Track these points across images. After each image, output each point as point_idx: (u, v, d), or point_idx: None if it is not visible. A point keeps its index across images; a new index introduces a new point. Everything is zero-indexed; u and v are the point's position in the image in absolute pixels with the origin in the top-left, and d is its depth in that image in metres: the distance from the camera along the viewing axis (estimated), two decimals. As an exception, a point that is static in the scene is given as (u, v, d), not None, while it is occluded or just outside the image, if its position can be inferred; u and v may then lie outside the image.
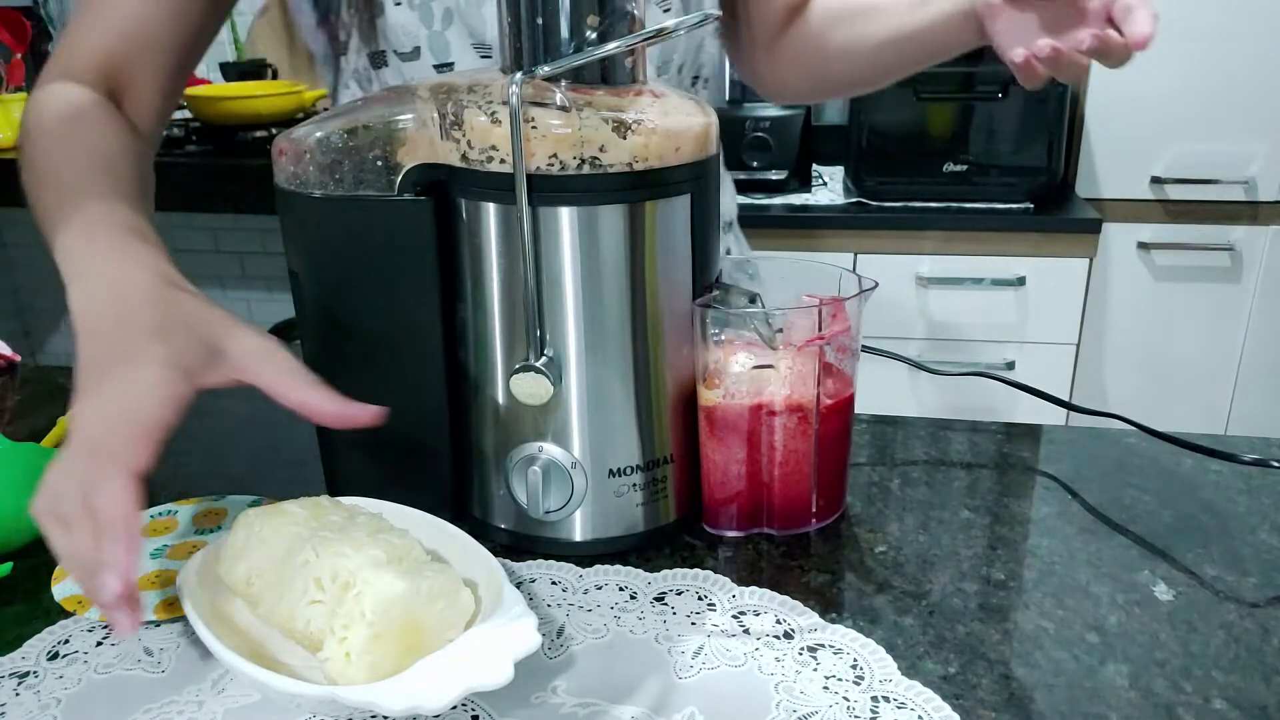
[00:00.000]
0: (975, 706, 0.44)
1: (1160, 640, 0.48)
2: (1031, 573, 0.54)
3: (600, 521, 0.55)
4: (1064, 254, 1.81)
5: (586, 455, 0.53)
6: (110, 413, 0.43)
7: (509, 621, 0.42)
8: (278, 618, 0.45)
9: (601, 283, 0.51)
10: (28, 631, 0.49)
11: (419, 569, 0.44)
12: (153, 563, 0.54)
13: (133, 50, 0.66)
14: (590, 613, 0.50)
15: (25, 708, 0.44)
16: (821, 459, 0.55)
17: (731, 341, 0.56)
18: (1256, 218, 1.88)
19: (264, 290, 2.43)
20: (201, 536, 0.57)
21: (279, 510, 0.49)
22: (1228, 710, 0.43)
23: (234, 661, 0.41)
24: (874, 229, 1.84)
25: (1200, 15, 1.79)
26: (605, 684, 0.45)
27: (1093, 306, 1.90)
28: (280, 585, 0.45)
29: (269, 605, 0.46)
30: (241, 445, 0.71)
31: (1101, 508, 0.61)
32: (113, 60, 0.65)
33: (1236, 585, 0.53)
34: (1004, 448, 0.69)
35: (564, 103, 0.49)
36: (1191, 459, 0.66)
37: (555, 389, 0.51)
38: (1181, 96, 1.84)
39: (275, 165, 0.54)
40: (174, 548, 0.55)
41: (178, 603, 0.49)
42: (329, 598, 0.43)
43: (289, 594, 0.45)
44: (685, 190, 0.52)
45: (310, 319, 0.57)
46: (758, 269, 0.72)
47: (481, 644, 0.42)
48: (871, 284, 0.55)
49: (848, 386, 0.56)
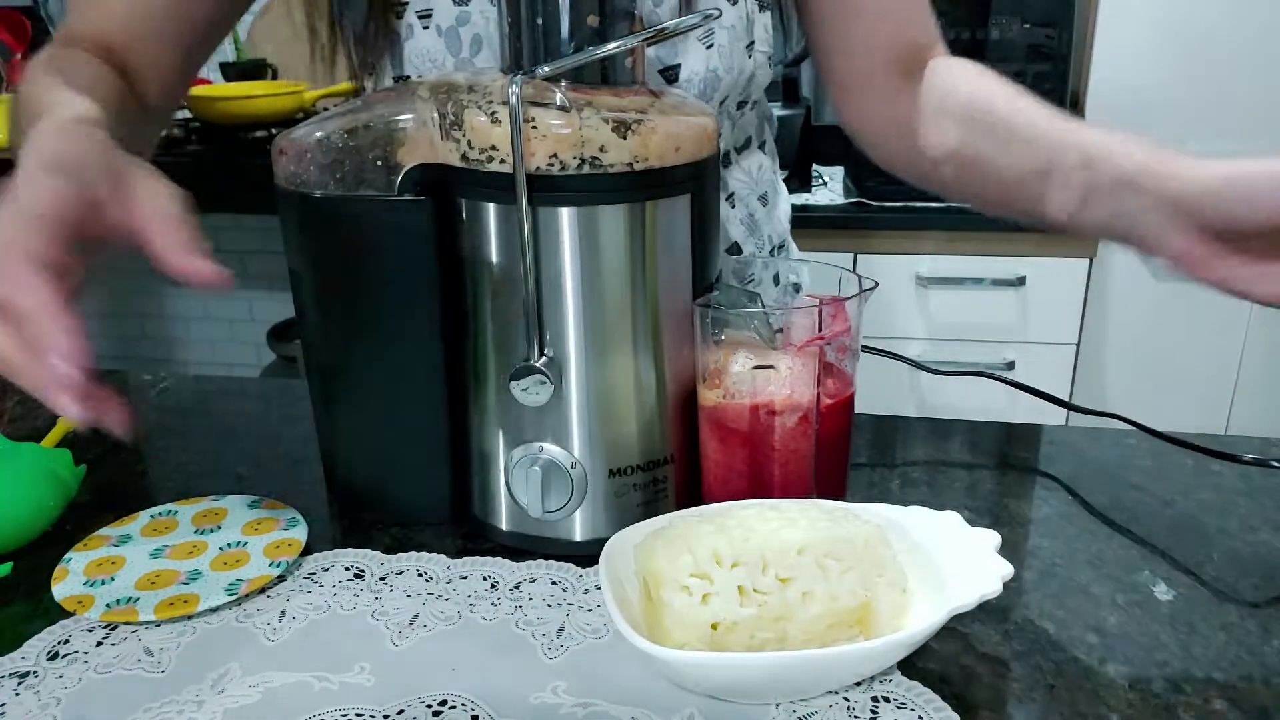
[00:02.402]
0: (975, 706, 0.44)
1: (1160, 640, 0.48)
2: (1031, 573, 0.54)
3: (600, 521, 0.55)
4: (1064, 254, 1.81)
5: (586, 455, 0.53)
6: (3, 216, 0.41)
7: None
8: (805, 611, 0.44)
9: (601, 283, 0.51)
10: (28, 631, 0.49)
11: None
12: (153, 562, 0.54)
13: (133, 38, 0.64)
14: (590, 613, 0.50)
15: (25, 708, 0.44)
16: (821, 459, 0.55)
17: (731, 341, 0.56)
18: (1256, 218, 1.88)
19: (265, 290, 2.43)
20: (201, 537, 0.56)
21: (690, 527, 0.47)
22: (1228, 710, 0.43)
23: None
24: (874, 229, 1.84)
25: (1200, 15, 1.79)
26: (605, 684, 0.45)
27: (1093, 306, 1.90)
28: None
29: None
30: (242, 445, 0.71)
31: (1101, 508, 0.61)
32: (113, 43, 0.64)
33: (1236, 585, 0.53)
34: (1004, 448, 0.69)
35: (564, 103, 0.49)
36: (1192, 459, 0.66)
37: (555, 389, 0.51)
38: (1181, 96, 1.84)
39: (275, 165, 0.54)
40: (174, 548, 0.55)
41: (179, 602, 0.50)
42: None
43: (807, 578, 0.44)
44: (685, 190, 0.52)
45: (310, 319, 0.57)
46: (801, 271, 0.70)
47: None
48: (871, 284, 0.55)
49: (848, 386, 0.56)
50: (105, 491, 0.64)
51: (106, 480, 0.65)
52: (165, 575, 0.53)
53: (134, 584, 0.52)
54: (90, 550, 0.55)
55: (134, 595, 0.51)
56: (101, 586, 0.52)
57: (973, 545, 0.47)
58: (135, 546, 0.56)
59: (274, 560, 0.53)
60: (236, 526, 0.58)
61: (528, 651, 0.47)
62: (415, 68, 0.70)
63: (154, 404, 0.79)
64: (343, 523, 0.60)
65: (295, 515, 0.58)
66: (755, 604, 0.43)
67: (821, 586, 0.44)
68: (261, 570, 0.53)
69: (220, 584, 0.52)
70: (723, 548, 0.43)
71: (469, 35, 0.68)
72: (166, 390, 0.81)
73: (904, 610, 0.45)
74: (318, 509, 0.61)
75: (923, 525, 0.49)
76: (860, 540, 0.45)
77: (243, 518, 0.58)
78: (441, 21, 0.68)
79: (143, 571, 0.53)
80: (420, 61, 0.69)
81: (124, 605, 0.50)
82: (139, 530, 0.58)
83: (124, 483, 0.66)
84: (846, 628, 0.44)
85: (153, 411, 0.78)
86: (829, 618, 0.44)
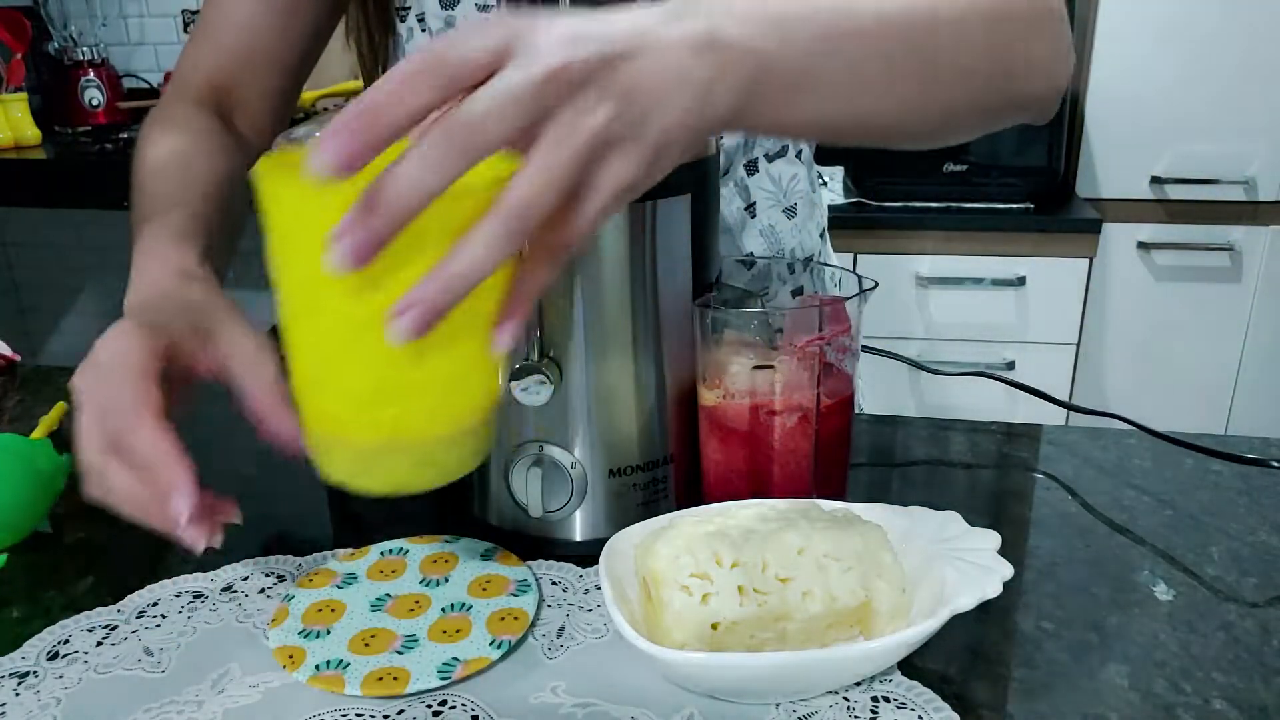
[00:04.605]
0: (975, 706, 0.44)
1: (1160, 640, 0.48)
2: (1031, 573, 0.54)
3: (600, 521, 0.55)
4: (1064, 254, 1.82)
5: (586, 455, 0.53)
6: (99, 369, 0.44)
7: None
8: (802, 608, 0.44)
9: (602, 283, 0.51)
10: (28, 631, 0.49)
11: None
12: (372, 616, 0.50)
13: (242, 68, 0.70)
14: (590, 613, 0.50)
15: (25, 708, 0.44)
16: (821, 459, 0.55)
17: (732, 342, 0.56)
18: (1256, 218, 1.88)
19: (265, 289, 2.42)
20: (426, 590, 0.52)
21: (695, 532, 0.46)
22: (1228, 710, 0.43)
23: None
24: (874, 229, 1.84)
25: (1200, 15, 1.79)
26: (605, 684, 0.45)
27: (1093, 306, 1.90)
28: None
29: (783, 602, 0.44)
30: (246, 444, 0.71)
31: (1101, 508, 0.61)
32: (225, 78, 0.69)
33: (1236, 585, 0.53)
34: (1004, 448, 0.69)
35: (564, 103, 0.49)
36: (1192, 459, 0.66)
37: (555, 389, 0.51)
38: (1181, 96, 1.84)
39: (275, 165, 0.54)
40: (397, 600, 0.51)
41: (388, 678, 0.45)
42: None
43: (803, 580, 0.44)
44: (685, 190, 0.52)
45: (310, 319, 0.57)
46: (834, 275, 0.70)
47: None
48: (871, 284, 0.55)
49: (848, 386, 0.56)
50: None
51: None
52: (381, 637, 0.48)
53: (347, 644, 0.47)
54: (314, 589, 0.52)
55: (345, 659, 0.46)
56: (315, 640, 0.48)
57: (973, 545, 0.47)
58: (358, 591, 0.52)
59: (495, 639, 0.47)
60: (464, 582, 0.52)
61: (528, 651, 0.47)
62: None
63: (154, 404, 0.79)
64: (343, 523, 0.60)
65: (528, 577, 0.52)
66: (755, 604, 0.43)
67: (821, 586, 0.44)
68: (480, 650, 0.47)
69: (435, 661, 0.46)
70: (723, 548, 0.43)
71: None
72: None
73: (904, 610, 0.45)
74: (318, 508, 0.61)
75: (923, 525, 0.49)
76: (860, 540, 0.45)
77: (472, 571, 0.53)
78: (432, 24, 0.68)
79: (360, 627, 0.49)
80: None
81: (333, 670, 0.45)
82: (365, 570, 0.54)
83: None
84: (846, 628, 0.44)
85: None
86: (829, 618, 0.44)
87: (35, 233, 2.61)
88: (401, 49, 0.71)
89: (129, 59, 2.51)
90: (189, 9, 2.45)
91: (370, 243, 0.33)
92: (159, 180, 0.61)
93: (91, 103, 2.32)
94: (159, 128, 0.66)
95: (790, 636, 0.43)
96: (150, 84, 2.49)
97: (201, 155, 0.64)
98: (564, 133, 0.34)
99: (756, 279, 0.70)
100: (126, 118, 2.34)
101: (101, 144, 2.13)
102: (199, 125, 0.67)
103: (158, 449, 0.42)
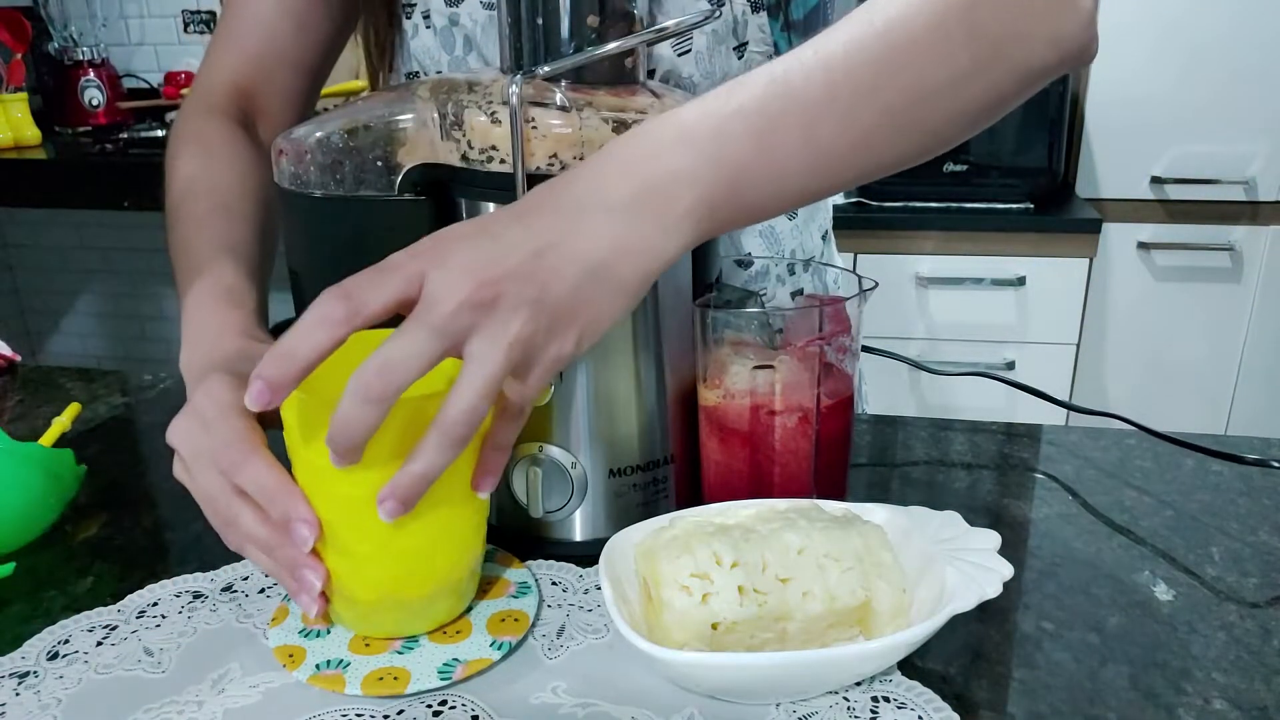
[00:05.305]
0: (975, 706, 0.44)
1: (1160, 640, 0.48)
2: (1031, 573, 0.54)
3: (600, 521, 0.55)
4: (1064, 254, 1.82)
5: (586, 455, 0.53)
6: (202, 417, 0.47)
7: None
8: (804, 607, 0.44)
9: (601, 283, 0.51)
10: (28, 631, 0.49)
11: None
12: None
13: (263, 71, 0.71)
14: (590, 613, 0.50)
15: (25, 708, 0.44)
16: (821, 459, 0.55)
17: (731, 341, 0.56)
18: (1256, 218, 1.88)
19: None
20: None
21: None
22: (1228, 710, 0.43)
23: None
24: (874, 229, 1.84)
25: (1200, 15, 1.79)
26: (605, 684, 0.45)
27: (1093, 306, 1.90)
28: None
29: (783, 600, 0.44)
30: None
31: (1101, 508, 0.61)
32: (246, 82, 0.71)
33: (1236, 585, 0.53)
34: (1004, 448, 0.69)
35: (564, 103, 0.49)
36: (1192, 459, 0.66)
37: (555, 389, 0.51)
38: (1181, 97, 1.84)
39: (275, 165, 0.54)
40: None
41: (389, 678, 0.45)
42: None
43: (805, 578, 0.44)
44: (685, 190, 0.52)
45: (310, 319, 0.57)
46: (835, 276, 0.70)
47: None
48: (871, 284, 0.55)
49: (848, 386, 0.56)
50: (105, 491, 0.64)
51: (107, 480, 0.65)
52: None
53: (348, 644, 0.48)
54: None
55: (345, 659, 0.46)
56: (315, 639, 0.48)
57: (973, 545, 0.47)
58: None
59: (495, 640, 0.47)
60: None
61: (528, 651, 0.47)
62: (420, 66, 0.71)
63: (154, 404, 0.79)
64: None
65: (528, 579, 0.52)
66: (755, 604, 0.43)
67: (821, 586, 0.44)
68: (480, 651, 0.47)
69: (435, 661, 0.46)
70: (723, 548, 0.43)
71: (460, 36, 0.69)
72: (167, 390, 0.81)
73: (904, 610, 0.45)
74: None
75: (923, 525, 0.49)
76: (860, 540, 0.45)
77: None
78: (437, 21, 0.68)
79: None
80: (423, 59, 0.70)
81: (333, 670, 0.45)
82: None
83: (124, 482, 0.66)
84: (846, 628, 0.44)
85: (153, 411, 0.78)
86: (829, 618, 0.44)
87: (35, 233, 2.61)
88: (406, 46, 0.71)
89: (129, 59, 2.52)
90: (189, 9, 2.45)
91: (346, 455, 0.40)
92: (198, 204, 0.62)
93: (91, 103, 2.32)
94: (188, 146, 0.66)
95: (790, 636, 0.43)
96: (150, 84, 2.49)
97: (234, 175, 0.65)
98: (485, 348, 0.40)
99: (754, 279, 0.70)
100: (126, 118, 2.34)
101: (101, 144, 2.13)
102: (225, 136, 0.67)
103: (272, 477, 0.44)
